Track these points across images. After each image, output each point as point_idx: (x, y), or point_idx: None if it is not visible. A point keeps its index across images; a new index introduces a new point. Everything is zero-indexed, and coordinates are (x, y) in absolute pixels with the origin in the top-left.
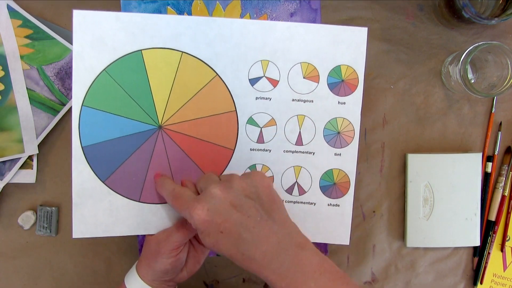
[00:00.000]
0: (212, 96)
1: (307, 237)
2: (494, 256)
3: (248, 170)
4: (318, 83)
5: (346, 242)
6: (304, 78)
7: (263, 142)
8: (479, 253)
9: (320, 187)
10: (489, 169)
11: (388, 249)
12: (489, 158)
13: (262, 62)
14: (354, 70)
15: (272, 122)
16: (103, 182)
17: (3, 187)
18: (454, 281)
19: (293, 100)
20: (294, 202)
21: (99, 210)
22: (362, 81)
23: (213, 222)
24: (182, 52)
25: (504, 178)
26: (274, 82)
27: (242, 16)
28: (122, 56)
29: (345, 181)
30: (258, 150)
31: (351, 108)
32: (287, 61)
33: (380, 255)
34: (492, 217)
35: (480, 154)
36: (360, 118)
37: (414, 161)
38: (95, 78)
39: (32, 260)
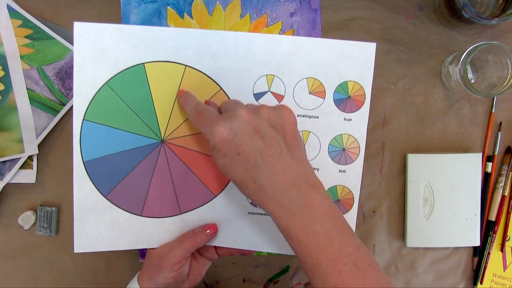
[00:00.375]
0: None
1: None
2: (494, 256)
3: None
4: (324, 98)
5: None
6: (309, 93)
7: None
8: (479, 253)
9: None
10: (489, 169)
11: (388, 249)
12: (489, 158)
13: (267, 77)
14: (361, 86)
15: None
16: (105, 197)
17: (3, 187)
18: (454, 281)
19: (298, 115)
20: None
21: (101, 225)
22: (369, 98)
23: (233, 142)
24: (186, 65)
25: (504, 178)
26: (279, 97)
27: (242, 16)
28: (124, 69)
29: (349, 197)
30: None
31: (357, 124)
32: (293, 76)
33: (380, 255)
34: (492, 217)
35: (480, 154)
36: (366, 134)
37: (414, 161)
38: (97, 92)
39: (32, 260)
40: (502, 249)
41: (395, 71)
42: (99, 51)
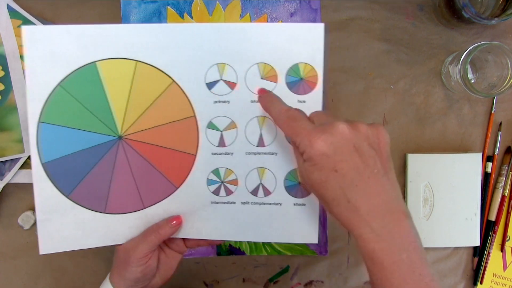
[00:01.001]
0: (170, 102)
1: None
2: (494, 256)
3: (213, 175)
4: (276, 83)
5: (315, 240)
6: (262, 78)
7: (225, 146)
8: (479, 253)
9: (285, 187)
10: (489, 169)
11: None
12: (489, 158)
13: (219, 66)
14: (313, 68)
15: (232, 125)
16: (67, 197)
17: (3, 187)
18: (454, 281)
19: (252, 101)
20: (260, 204)
21: (65, 225)
22: (322, 79)
23: (332, 158)
24: (137, 61)
25: (504, 178)
26: (232, 85)
27: (242, 16)
28: (76, 69)
29: None
30: (220, 153)
31: (311, 106)
32: (244, 63)
33: None
34: (492, 217)
35: (480, 154)
36: None
37: (414, 161)
38: (50, 93)
39: (32, 260)
40: (502, 249)
41: (395, 71)
42: (49, 54)
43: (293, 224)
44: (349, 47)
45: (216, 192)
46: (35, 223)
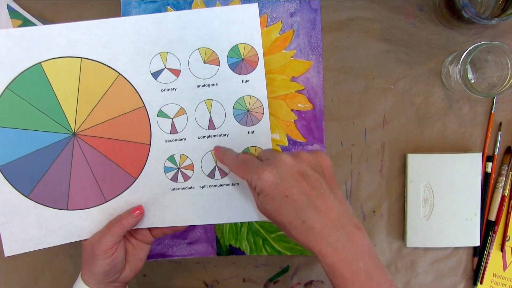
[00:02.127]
0: (119, 95)
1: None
2: (494, 256)
3: (169, 162)
4: (219, 65)
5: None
6: (204, 63)
7: (177, 132)
8: (479, 253)
9: None
10: (489, 169)
11: (388, 249)
12: (489, 158)
13: (161, 55)
14: (252, 47)
15: (181, 111)
16: (27, 197)
17: None
18: (454, 281)
19: (197, 86)
20: (218, 186)
21: (27, 225)
22: (262, 57)
23: (281, 185)
24: (81, 58)
25: (504, 178)
26: (176, 72)
27: None
28: (22, 72)
29: None
30: (173, 140)
31: (255, 84)
32: (185, 50)
33: (380, 255)
34: (492, 217)
35: (480, 154)
36: (266, 93)
37: (414, 161)
38: None
39: (32, 260)
40: (502, 249)
41: (395, 71)
42: None
43: (252, 202)
44: (349, 47)
45: (174, 178)
46: None
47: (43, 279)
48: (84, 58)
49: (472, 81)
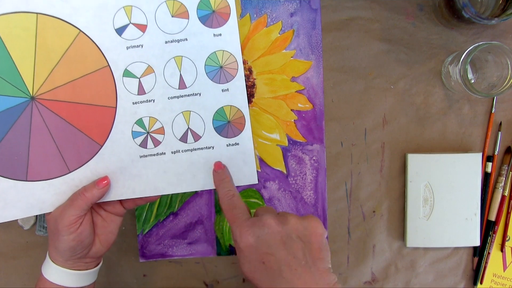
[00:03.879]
0: (81, 54)
1: None
2: (494, 256)
3: (137, 126)
4: (188, 19)
5: (255, 181)
6: (172, 16)
7: (145, 93)
8: (479, 253)
9: (215, 129)
10: (489, 169)
11: (388, 249)
12: (489, 158)
13: (125, 8)
14: None
15: (149, 70)
16: None
17: None
18: (454, 281)
19: (166, 42)
20: (192, 150)
21: None
22: (234, 9)
23: (259, 250)
24: (37, 13)
25: (504, 178)
26: (142, 27)
27: (242, 16)
28: None
29: (239, 116)
30: (141, 102)
31: (228, 38)
32: (151, 2)
33: (380, 255)
34: (492, 217)
35: (480, 154)
36: (240, 48)
37: (414, 161)
38: None
39: (32, 260)
40: (502, 249)
41: (395, 71)
42: None
43: (229, 166)
44: (349, 47)
45: (144, 144)
46: (35, 223)
47: None
48: (41, 13)
49: (472, 81)
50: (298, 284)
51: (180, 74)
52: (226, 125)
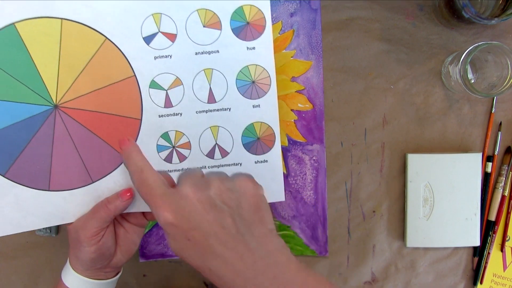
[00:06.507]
0: (106, 63)
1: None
2: (494, 256)
3: (162, 140)
4: (221, 30)
5: (282, 198)
6: (204, 27)
7: (172, 106)
8: (479, 253)
9: (243, 145)
10: (489, 169)
11: (388, 249)
12: (489, 158)
13: (154, 16)
14: (259, 9)
15: (177, 82)
16: (3, 176)
17: None
18: (454, 281)
19: (196, 53)
20: (218, 166)
21: (4, 207)
22: (270, 20)
23: (180, 227)
24: (61, 18)
25: (504, 178)
26: (172, 37)
27: None
28: None
29: (269, 133)
30: (168, 115)
31: (262, 52)
32: (181, 11)
33: (380, 255)
34: (492, 217)
35: (480, 154)
36: (274, 62)
37: (414, 161)
38: None
39: (32, 260)
40: (502, 249)
41: (395, 71)
42: None
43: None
44: (349, 47)
45: (168, 159)
46: None
47: (43, 279)
48: (65, 19)
49: (472, 81)
50: (232, 258)
51: (210, 87)
52: (255, 141)
